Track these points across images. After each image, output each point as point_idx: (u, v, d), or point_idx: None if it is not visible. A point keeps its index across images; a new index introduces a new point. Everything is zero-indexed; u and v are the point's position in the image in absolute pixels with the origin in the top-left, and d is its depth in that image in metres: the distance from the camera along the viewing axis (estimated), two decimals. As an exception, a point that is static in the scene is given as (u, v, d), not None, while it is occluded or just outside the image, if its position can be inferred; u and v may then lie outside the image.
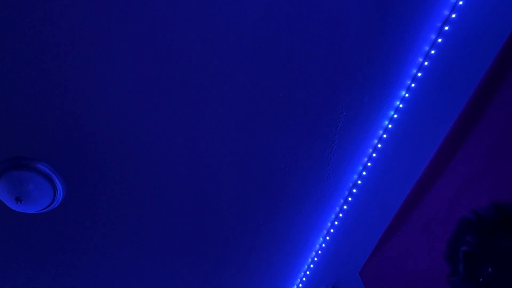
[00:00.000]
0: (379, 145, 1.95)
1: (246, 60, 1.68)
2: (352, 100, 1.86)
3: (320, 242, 2.30)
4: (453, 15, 1.61)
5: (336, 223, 2.19)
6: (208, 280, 2.46)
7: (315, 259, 2.34)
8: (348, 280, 1.99)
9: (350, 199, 2.11)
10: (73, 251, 2.17)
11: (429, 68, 1.71)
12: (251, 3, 1.55)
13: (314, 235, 2.31)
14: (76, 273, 2.29)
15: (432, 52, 1.69)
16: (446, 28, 1.63)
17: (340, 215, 2.17)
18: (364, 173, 2.03)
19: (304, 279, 2.42)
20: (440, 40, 1.66)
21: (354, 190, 2.09)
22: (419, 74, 1.76)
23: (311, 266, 2.37)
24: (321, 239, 2.30)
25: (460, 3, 1.58)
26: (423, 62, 1.73)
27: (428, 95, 1.69)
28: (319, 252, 2.31)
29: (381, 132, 1.94)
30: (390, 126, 1.89)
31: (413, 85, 1.78)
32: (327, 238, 2.26)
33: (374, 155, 1.97)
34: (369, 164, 2.00)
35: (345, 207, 2.14)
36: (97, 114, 1.71)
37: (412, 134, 1.74)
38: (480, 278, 1.06)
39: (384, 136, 1.93)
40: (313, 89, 1.80)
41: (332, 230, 2.22)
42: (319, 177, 2.08)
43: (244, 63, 1.69)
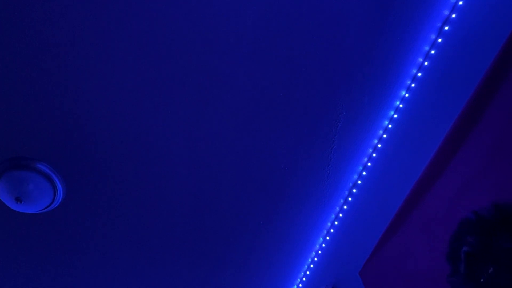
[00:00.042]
0: (379, 145, 1.95)
1: (246, 60, 1.68)
2: (352, 100, 1.86)
3: (320, 242, 2.30)
4: (453, 15, 1.61)
5: (336, 223, 2.19)
6: (208, 280, 2.46)
7: (315, 259, 2.34)
8: (348, 280, 1.99)
9: (350, 199, 2.11)
10: (73, 251, 2.17)
11: (429, 68, 1.71)
12: (251, 3, 1.55)
13: (314, 235, 2.31)
14: (76, 273, 2.29)
15: (432, 52, 1.69)
16: (446, 28, 1.64)
17: (340, 215, 2.17)
18: (364, 173, 2.03)
19: (304, 279, 2.42)
20: (440, 40, 1.66)
21: (354, 190, 2.09)
22: (419, 74, 1.76)
23: (311, 266, 2.37)
24: (321, 239, 2.30)
25: (460, 3, 1.58)
26: (423, 62, 1.73)
27: (428, 95, 1.69)
28: (319, 252, 2.31)
29: (381, 132, 1.94)
30: (390, 126, 1.89)
31: (413, 85, 1.78)
32: (327, 238, 2.26)
33: (374, 155, 1.97)
34: (369, 164, 2.00)
35: (345, 207, 2.14)
36: (97, 114, 1.71)
37: (412, 134, 1.74)
38: (481, 279, 1.06)
39: (384, 136, 1.93)
40: (313, 89, 1.80)
41: (332, 230, 2.23)
42: (319, 177, 2.08)
43: (244, 63, 1.69)
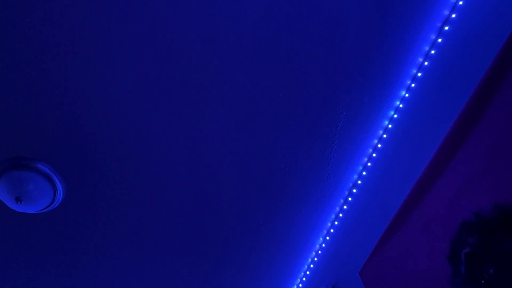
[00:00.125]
0: (379, 145, 1.95)
1: (246, 60, 1.68)
2: (352, 100, 1.86)
3: (320, 242, 2.30)
4: (453, 15, 1.61)
5: (336, 223, 2.19)
6: (208, 280, 2.46)
7: (315, 259, 2.34)
8: (348, 280, 1.99)
9: (350, 199, 2.11)
10: (73, 251, 2.17)
11: (429, 68, 1.71)
12: (251, 3, 1.55)
13: (314, 235, 2.31)
14: (76, 273, 2.29)
15: (432, 52, 1.69)
16: (446, 28, 1.63)
17: (340, 215, 2.17)
18: (364, 173, 2.03)
19: (304, 279, 2.42)
20: (440, 40, 1.66)
21: (354, 190, 2.09)
22: (419, 74, 1.76)
23: (311, 266, 2.37)
24: (321, 239, 2.30)
25: (460, 3, 1.58)
26: (423, 62, 1.73)
27: (428, 95, 1.69)
28: (319, 252, 2.31)
29: (381, 132, 1.94)
30: (390, 126, 1.89)
31: (413, 85, 1.78)
32: (327, 238, 2.26)
33: (374, 155, 1.97)
34: (369, 164, 2.00)
35: (345, 207, 2.14)
36: (97, 114, 1.71)
37: (412, 134, 1.74)
38: (482, 280, 1.06)
39: (384, 136, 1.93)
40: (313, 89, 1.80)
41: (332, 230, 2.23)
42: (319, 177, 2.08)
43: (244, 63, 1.69)
